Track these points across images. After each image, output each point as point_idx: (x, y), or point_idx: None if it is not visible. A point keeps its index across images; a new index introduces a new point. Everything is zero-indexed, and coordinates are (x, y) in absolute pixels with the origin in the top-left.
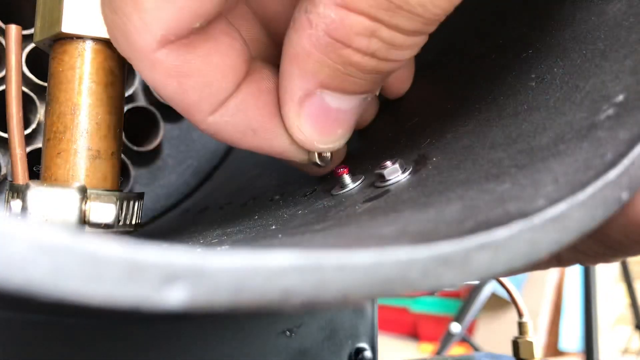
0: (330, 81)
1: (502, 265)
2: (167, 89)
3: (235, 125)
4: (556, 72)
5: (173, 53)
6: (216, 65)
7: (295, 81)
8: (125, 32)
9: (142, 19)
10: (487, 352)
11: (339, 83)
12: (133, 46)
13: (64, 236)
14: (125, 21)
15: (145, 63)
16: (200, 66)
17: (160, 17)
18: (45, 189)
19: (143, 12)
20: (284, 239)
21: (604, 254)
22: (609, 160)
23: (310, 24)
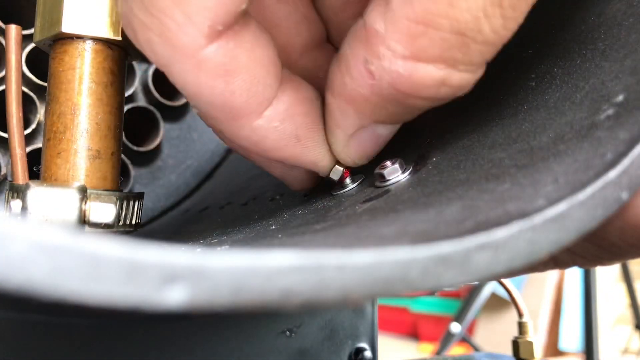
0: (387, 119)
1: (502, 265)
2: (213, 91)
3: (282, 131)
4: (556, 72)
5: (222, 48)
6: (260, 59)
7: (349, 119)
8: (164, 32)
9: (184, 12)
10: (487, 352)
11: (396, 120)
12: (175, 47)
13: (64, 236)
14: (162, 19)
15: (190, 64)
16: (247, 62)
17: (205, 6)
18: (45, 189)
19: (185, 4)
20: (284, 239)
21: (601, 256)
22: (609, 160)
23: (373, 76)
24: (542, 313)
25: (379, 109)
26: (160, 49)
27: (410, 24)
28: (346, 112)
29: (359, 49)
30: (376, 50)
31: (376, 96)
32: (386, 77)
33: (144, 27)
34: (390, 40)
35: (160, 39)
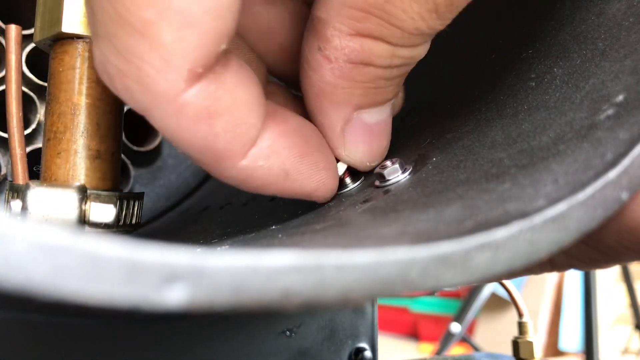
0: (363, 100)
1: (502, 265)
2: (196, 136)
3: (269, 168)
4: (556, 72)
5: (203, 91)
6: (243, 99)
7: (331, 115)
8: (142, 78)
9: (162, 57)
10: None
11: (372, 98)
12: (154, 93)
13: (64, 236)
14: (139, 65)
15: (170, 109)
16: (230, 103)
17: (184, 49)
18: (45, 189)
19: (162, 49)
20: (284, 239)
21: (597, 259)
22: (609, 160)
23: (329, 60)
24: (542, 313)
25: (350, 93)
26: (139, 96)
27: (351, 10)
28: (324, 109)
29: (311, 41)
30: (325, 35)
31: (340, 79)
32: (340, 55)
33: (120, 74)
34: (335, 22)
35: (138, 86)
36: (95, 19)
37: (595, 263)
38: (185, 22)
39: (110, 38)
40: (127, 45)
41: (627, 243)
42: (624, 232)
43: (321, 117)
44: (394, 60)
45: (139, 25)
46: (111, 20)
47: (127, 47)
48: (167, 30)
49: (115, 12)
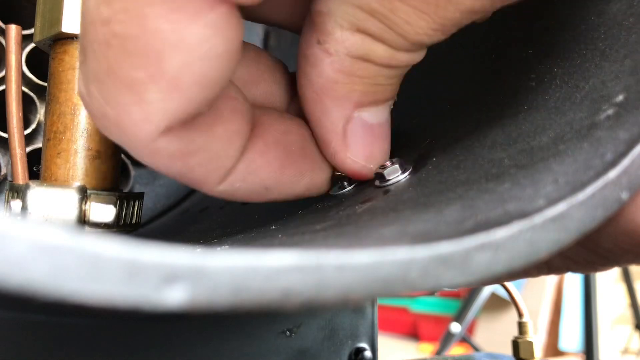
0: (363, 97)
1: (502, 265)
2: (171, 171)
3: (247, 188)
4: (556, 72)
5: (175, 138)
6: (220, 135)
7: (332, 112)
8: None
9: (143, 111)
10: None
11: (371, 95)
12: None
13: (64, 236)
14: (120, 113)
15: (144, 151)
16: (205, 142)
17: (165, 109)
18: (45, 189)
19: (145, 104)
20: (284, 239)
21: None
22: (609, 160)
23: (329, 53)
24: (542, 313)
25: (350, 88)
26: (116, 137)
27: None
28: (324, 107)
29: (310, 36)
30: (325, 28)
31: (340, 73)
32: (341, 48)
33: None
34: (336, 16)
35: (116, 129)
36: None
37: (592, 266)
38: (173, 88)
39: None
40: (112, 94)
41: (625, 246)
42: (622, 235)
43: (321, 116)
44: (392, 61)
45: (128, 81)
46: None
47: (112, 95)
48: (154, 91)
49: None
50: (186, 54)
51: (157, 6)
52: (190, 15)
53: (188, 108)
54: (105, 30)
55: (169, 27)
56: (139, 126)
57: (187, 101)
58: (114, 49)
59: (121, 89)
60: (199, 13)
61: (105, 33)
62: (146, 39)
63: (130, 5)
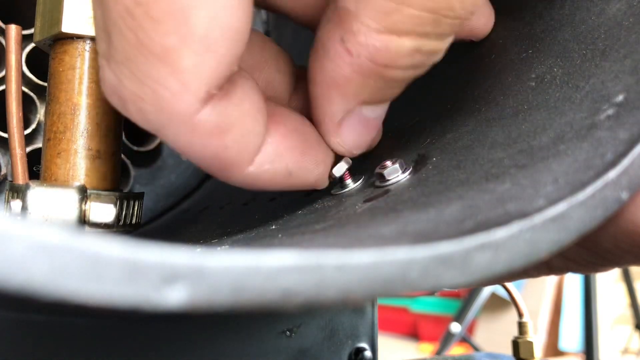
0: (372, 97)
1: (502, 265)
2: (207, 150)
3: (274, 170)
4: (556, 72)
5: (215, 109)
6: (249, 110)
7: (335, 104)
8: (158, 101)
9: (180, 81)
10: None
11: (379, 96)
12: (170, 114)
13: (64, 236)
14: (157, 88)
15: (184, 129)
16: (238, 116)
17: (202, 73)
18: (45, 189)
19: (181, 73)
20: (284, 239)
21: (595, 262)
22: (609, 160)
23: (350, 53)
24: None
25: (361, 88)
26: (153, 117)
27: (383, 1)
28: (330, 98)
29: (334, 31)
30: (350, 28)
31: (356, 73)
32: (363, 51)
33: (135, 98)
34: (364, 17)
35: (153, 108)
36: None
37: (592, 266)
38: (206, 47)
39: (127, 63)
40: (145, 70)
41: (625, 246)
42: (622, 235)
43: (325, 104)
44: (415, 58)
45: (160, 51)
46: (130, 46)
47: (145, 71)
48: (188, 56)
49: (137, 39)
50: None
51: None
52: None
53: (222, 68)
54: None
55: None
56: (178, 98)
57: (220, 60)
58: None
59: (154, 62)
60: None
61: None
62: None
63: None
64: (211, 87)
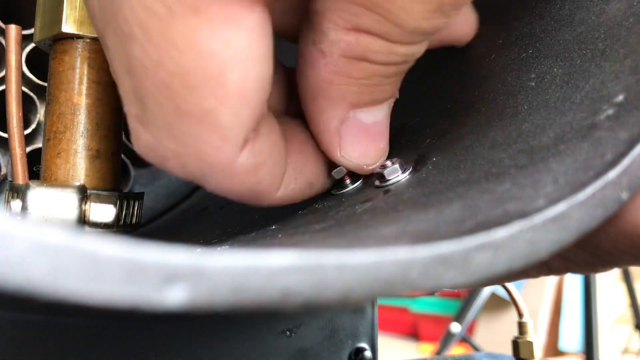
0: (359, 98)
1: (502, 265)
2: (244, 187)
3: (299, 188)
4: (556, 72)
5: (251, 152)
6: (275, 143)
7: (325, 113)
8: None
9: (220, 135)
10: (487, 352)
11: (368, 96)
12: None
13: (64, 236)
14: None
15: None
16: (269, 151)
17: (239, 124)
18: (45, 189)
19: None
20: (284, 239)
21: (594, 263)
22: (608, 160)
23: (323, 54)
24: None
25: (345, 89)
26: (195, 169)
27: (349, 4)
28: (319, 106)
29: (307, 35)
30: (320, 28)
31: (335, 74)
32: (335, 49)
33: (177, 155)
34: (332, 15)
35: (196, 162)
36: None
37: (592, 267)
38: (241, 102)
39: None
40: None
41: (624, 247)
42: (621, 236)
43: (316, 115)
44: (390, 57)
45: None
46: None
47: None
48: (226, 113)
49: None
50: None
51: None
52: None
53: (256, 114)
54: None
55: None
56: (219, 151)
57: (254, 108)
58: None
59: (194, 123)
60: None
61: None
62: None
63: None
64: (248, 133)
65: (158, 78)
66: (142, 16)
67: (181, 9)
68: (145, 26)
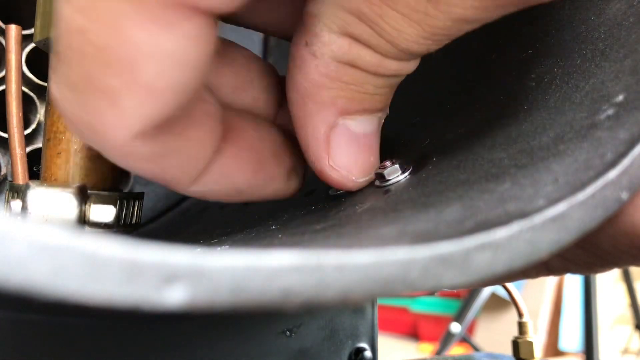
0: (349, 104)
1: (502, 265)
2: (144, 172)
3: (220, 190)
4: (556, 72)
5: (149, 142)
6: (193, 138)
7: (314, 117)
8: (94, 128)
9: (117, 116)
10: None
11: (357, 103)
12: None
13: (64, 236)
14: (95, 117)
15: (117, 154)
16: (178, 145)
17: (139, 115)
18: (45, 189)
19: (119, 110)
20: (284, 239)
21: (593, 263)
22: (609, 160)
23: (315, 55)
24: (542, 313)
25: (335, 93)
26: (88, 138)
27: (344, 12)
28: (307, 110)
29: (299, 37)
30: (314, 30)
31: (325, 77)
32: (327, 51)
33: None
34: (326, 19)
35: (89, 132)
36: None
37: (591, 267)
38: (147, 95)
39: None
40: (87, 98)
41: (624, 247)
42: (620, 236)
43: (304, 120)
44: (380, 69)
45: (103, 88)
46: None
47: (86, 100)
48: (128, 98)
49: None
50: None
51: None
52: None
53: (161, 113)
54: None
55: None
56: (113, 130)
57: (161, 107)
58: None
59: (96, 95)
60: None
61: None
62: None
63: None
64: (147, 127)
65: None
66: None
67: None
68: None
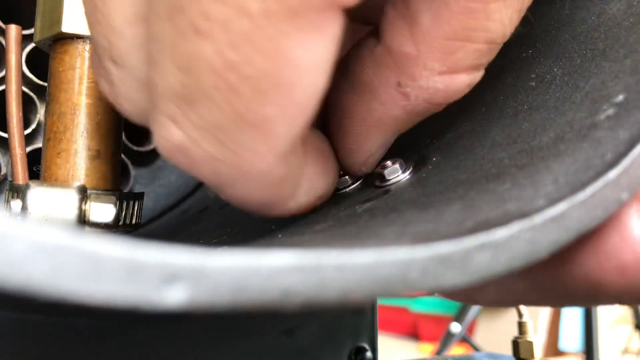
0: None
1: (502, 265)
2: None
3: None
4: (556, 72)
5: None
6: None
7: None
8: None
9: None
10: (487, 352)
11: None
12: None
13: (64, 236)
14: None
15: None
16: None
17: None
18: (45, 189)
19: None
20: (284, 239)
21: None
22: (609, 160)
23: (408, 97)
24: (542, 313)
25: (403, 125)
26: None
27: (447, 41)
28: (370, 136)
29: (388, 75)
30: (411, 73)
31: (407, 114)
32: (423, 94)
33: (212, 159)
34: (427, 61)
35: (231, 169)
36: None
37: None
38: (300, 113)
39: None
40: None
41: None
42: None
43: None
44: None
45: (256, 121)
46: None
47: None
48: (284, 123)
49: (232, 109)
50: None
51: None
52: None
53: (305, 127)
54: (232, 76)
55: (302, 53)
56: (262, 160)
57: (307, 120)
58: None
59: (247, 130)
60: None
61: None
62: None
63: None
64: (291, 147)
65: (225, 80)
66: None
67: (279, 12)
68: (229, 24)
